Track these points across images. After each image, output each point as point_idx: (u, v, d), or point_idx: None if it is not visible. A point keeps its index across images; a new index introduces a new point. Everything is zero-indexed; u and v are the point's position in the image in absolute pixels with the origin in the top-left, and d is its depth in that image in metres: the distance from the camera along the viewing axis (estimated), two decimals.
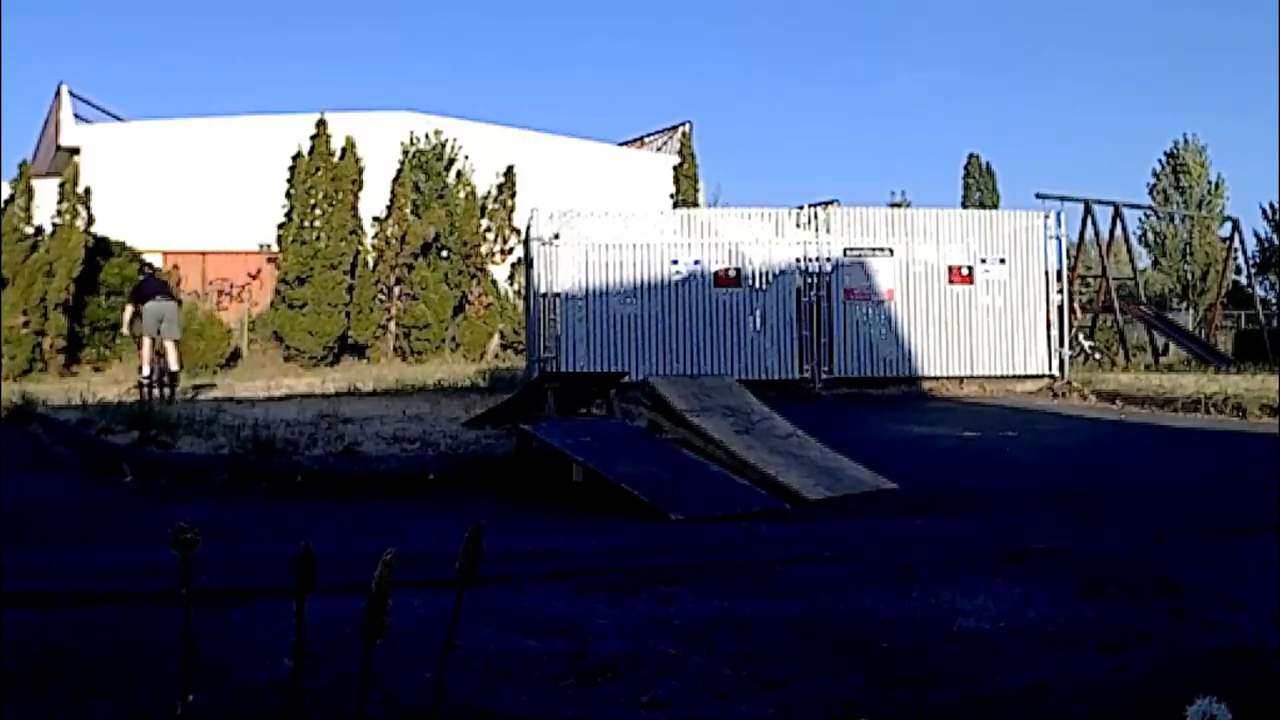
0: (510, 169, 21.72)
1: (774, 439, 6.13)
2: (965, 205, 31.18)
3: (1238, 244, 22.64)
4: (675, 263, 12.93)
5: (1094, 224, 19.08)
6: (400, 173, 20.54)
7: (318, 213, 18.94)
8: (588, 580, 3.36)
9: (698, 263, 12.95)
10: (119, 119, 23.96)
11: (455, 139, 22.05)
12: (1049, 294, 13.51)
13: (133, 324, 12.14)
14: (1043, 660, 2.48)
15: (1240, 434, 8.38)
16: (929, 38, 63.14)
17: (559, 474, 5.42)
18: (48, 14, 48.43)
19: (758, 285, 12.99)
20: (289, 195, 19.18)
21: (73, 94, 22.76)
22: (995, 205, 30.56)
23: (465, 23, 61.91)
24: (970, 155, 34.80)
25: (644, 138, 28.72)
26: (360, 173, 19.18)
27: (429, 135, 21.94)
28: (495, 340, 20.65)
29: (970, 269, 13.40)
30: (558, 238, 12.82)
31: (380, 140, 20.05)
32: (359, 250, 19.29)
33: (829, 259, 13.13)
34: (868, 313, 13.19)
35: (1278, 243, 31.40)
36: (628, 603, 3.09)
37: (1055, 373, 13.34)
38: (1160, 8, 58.28)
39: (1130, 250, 23.94)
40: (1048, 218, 13.84)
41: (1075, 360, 14.84)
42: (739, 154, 58.90)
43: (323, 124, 19.16)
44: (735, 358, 12.71)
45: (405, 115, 22.49)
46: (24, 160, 18.20)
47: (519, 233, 18.42)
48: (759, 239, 13.06)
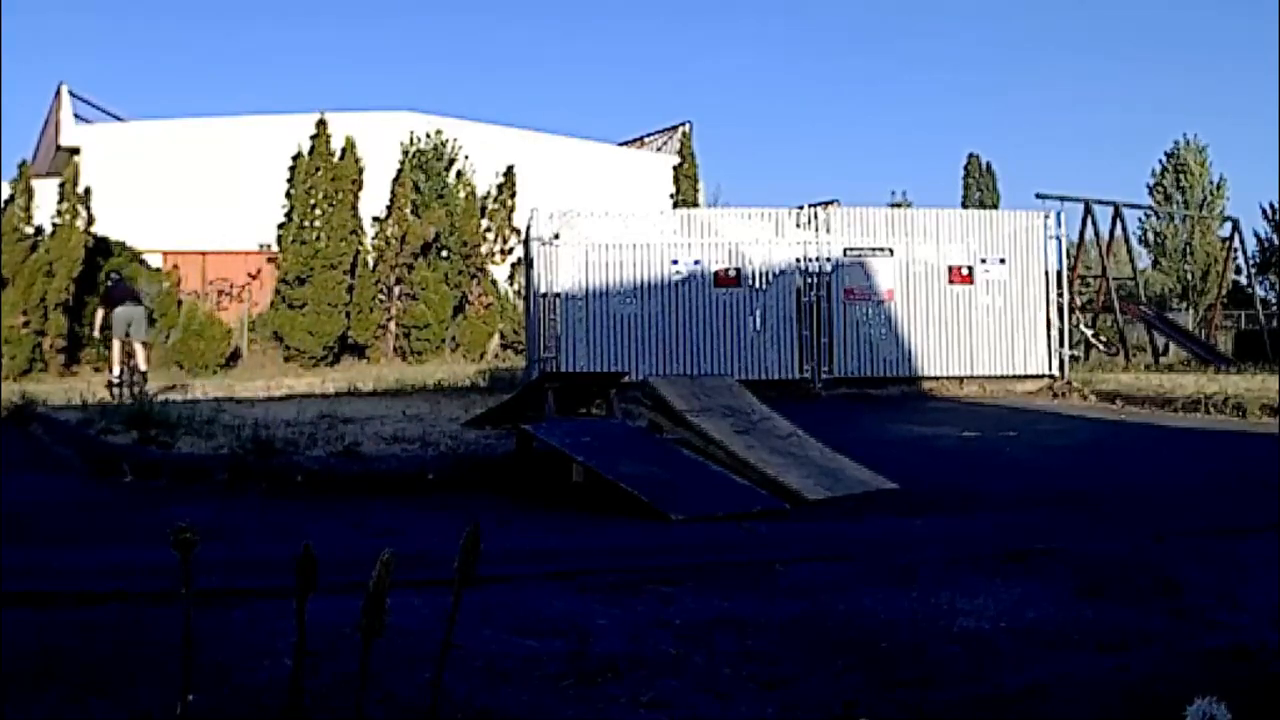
0: (510, 169, 21.72)
1: (774, 439, 6.13)
2: (965, 205, 31.17)
3: (1238, 244, 22.64)
4: (675, 263, 12.93)
5: (1094, 224, 19.08)
6: (400, 173, 20.53)
7: (318, 213, 18.93)
8: (588, 580, 3.36)
9: (698, 263, 12.95)
10: (119, 119, 23.97)
11: (455, 139, 22.05)
12: (1049, 294, 13.52)
13: (102, 328, 12.90)
14: (1043, 660, 2.48)
15: (1240, 434, 8.38)
16: (929, 38, 63.17)
17: (559, 474, 5.42)
18: (48, 14, 48.45)
19: (758, 285, 12.99)
20: (289, 195, 19.18)
21: (73, 94, 22.77)
22: (995, 205, 30.56)
23: (465, 23, 61.96)
24: (970, 155, 34.82)
25: (644, 138, 28.71)
26: (360, 173, 19.18)
27: (429, 135, 21.94)
28: (495, 340, 20.66)
29: (970, 269, 13.40)
30: (558, 238, 12.82)
31: (380, 140, 20.04)
32: (359, 250, 19.28)
33: (829, 259, 13.13)
34: (868, 313, 13.19)
35: (1278, 243, 31.39)
36: (628, 603, 3.09)
37: (1055, 373, 13.34)
38: (1160, 8, 58.31)
39: (1130, 250, 23.93)
40: (1048, 218, 13.84)
41: (1077, 358, 14.82)
42: (739, 154, 58.95)
43: (323, 124, 19.16)
44: (735, 358, 12.71)
45: (405, 115, 22.49)
46: (24, 160, 18.20)
47: (519, 233, 18.42)
48: (759, 239, 13.06)
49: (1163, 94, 59.27)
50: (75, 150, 20.91)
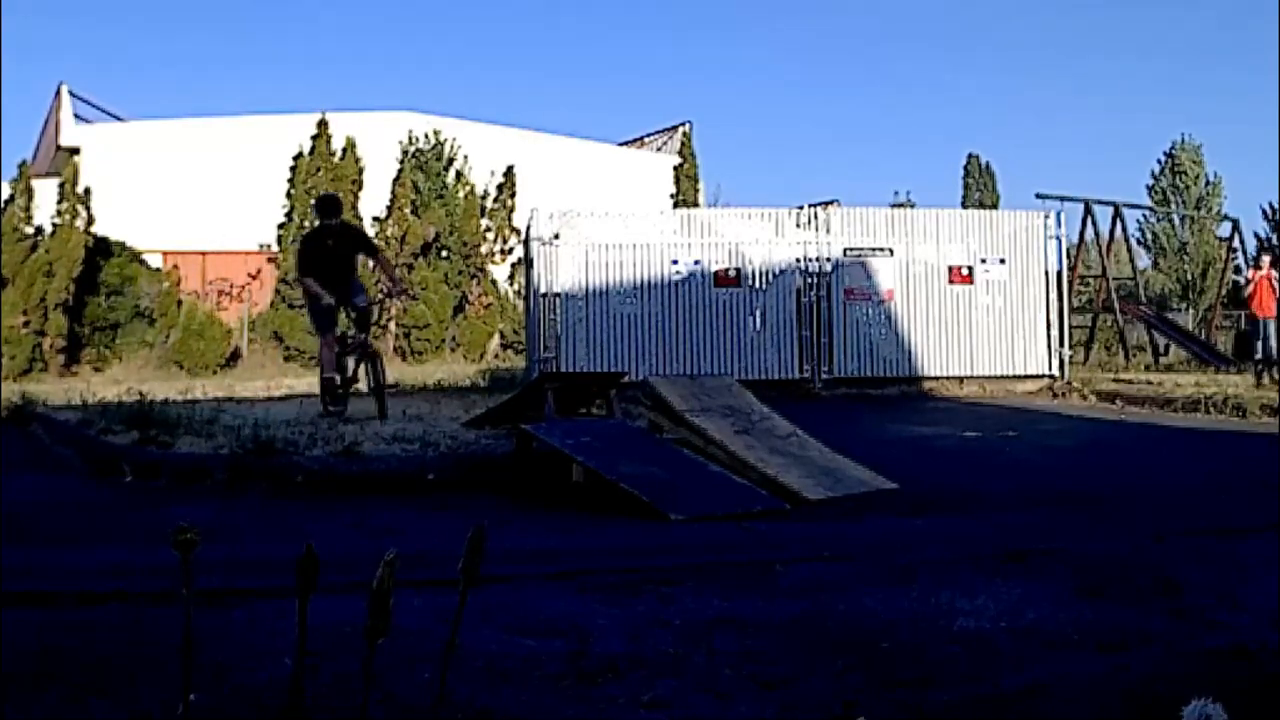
0: (510, 169, 21.72)
1: (774, 439, 6.13)
2: (965, 205, 31.16)
3: (1237, 244, 22.64)
4: (675, 263, 12.94)
5: (1094, 224, 19.10)
6: (400, 173, 20.54)
7: None
8: (588, 580, 3.36)
9: (698, 263, 12.96)
10: (119, 119, 23.96)
11: (455, 139, 22.04)
12: (1049, 294, 13.52)
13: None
14: (1043, 660, 2.48)
15: (1240, 434, 8.38)
16: (929, 38, 63.19)
17: (559, 474, 5.42)
18: (48, 14, 48.44)
19: (758, 285, 13.00)
20: (289, 195, 19.18)
21: (73, 94, 22.76)
22: (995, 205, 30.54)
23: (465, 23, 61.94)
24: (970, 155, 34.79)
25: (644, 138, 28.71)
26: (360, 173, 19.18)
27: (429, 135, 21.93)
28: (495, 340, 20.66)
29: (970, 269, 13.40)
30: (558, 238, 12.82)
31: (380, 140, 20.04)
32: None
33: (829, 259, 13.13)
34: (868, 313, 13.20)
35: (1277, 242, 31.37)
36: (628, 603, 3.09)
37: (1055, 373, 13.34)
38: (1160, 8, 58.33)
39: (1130, 250, 23.93)
40: (1048, 218, 13.85)
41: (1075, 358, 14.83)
42: (739, 154, 58.90)
43: (323, 124, 19.16)
44: (735, 358, 12.72)
45: (405, 115, 22.48)
46: (24, 160, 18.22)
47: (519, 233, 18.43)
48: (759, 239, 13.07)
49: (1163, 94, 59.32)
50: (75, 150, 20.91)
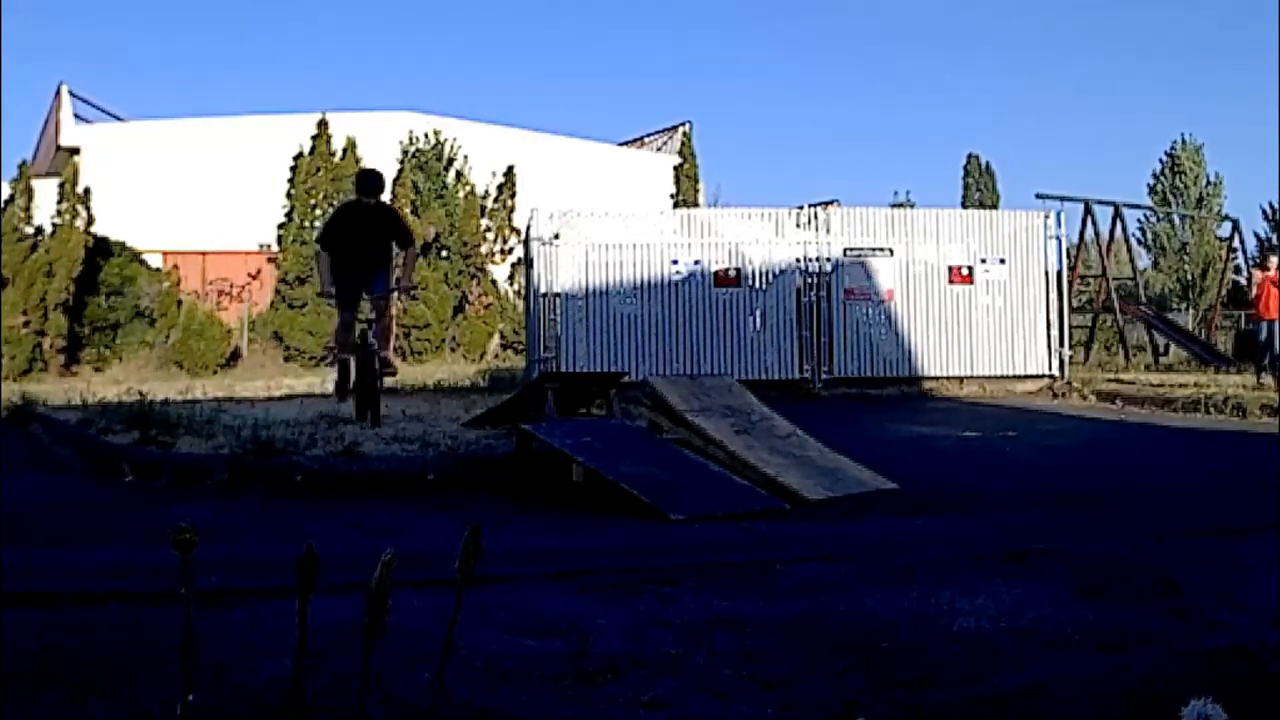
0: (510, 169, 21.72)
1: (774, 439, 6.13)
2: (965, 205, 31.16)
3: (1238, 244, 22.65)
4: (675, 263, 12.94)
5: (1094, 224, 19.10)
6: (400, 173, 20.53)
7: (318, 213, 18.94)
8: (588, 580, 3.36)
9: (698, 263, 12.96)
10: (119, 119, 23.97)
11: (455, 139, 22.05)
12: (1049, 294, 13.52)
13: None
14: (1043, 660, 2.48)
15: (1240, 434, 8.38)
16: (929, 38, 63.19)
17: (559, 474, 5.42)
18: (48, 14, 48.43)
19: (758, 285, 13.00)
20: (289, 195, 19.19)
21: (73, 94, 22.76)
22: (995, 205, 30.54)
23: (465, 23, 61.93)
24: (970, 155, 34.79)
25: (644, 138, 28.71)
26: None
27: (429, 135, 21.94)
28: (495, 340, 20.66)
29: (970, 269, 13.41)
30: (558, 238, 12.82)
31: (380, 140, 20.04)
32: None
33: (829, 259, 13.13)
34: (868, 313, 13.20)
35: (1277, 242, 31.38)
36: (628, 603, 3.09)
37: (1055, 373, 13.34)
38: (1160, 8, 58.33)
39: (1130, 250, 23.93)
40: (1048, 218, 13.85)
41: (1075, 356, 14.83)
42: (739, 154, 58.89)
43: (323, 124, 19.17)
44: (735, 358, 12.72)
45: (405, 115, 22.49)
46: (24, 160, 18.24)
47: (519, 233, 18.43)
48: (759, 239, 13.07)
49: (1163, 94, 59.32)
50: (75, 150, 20.91)
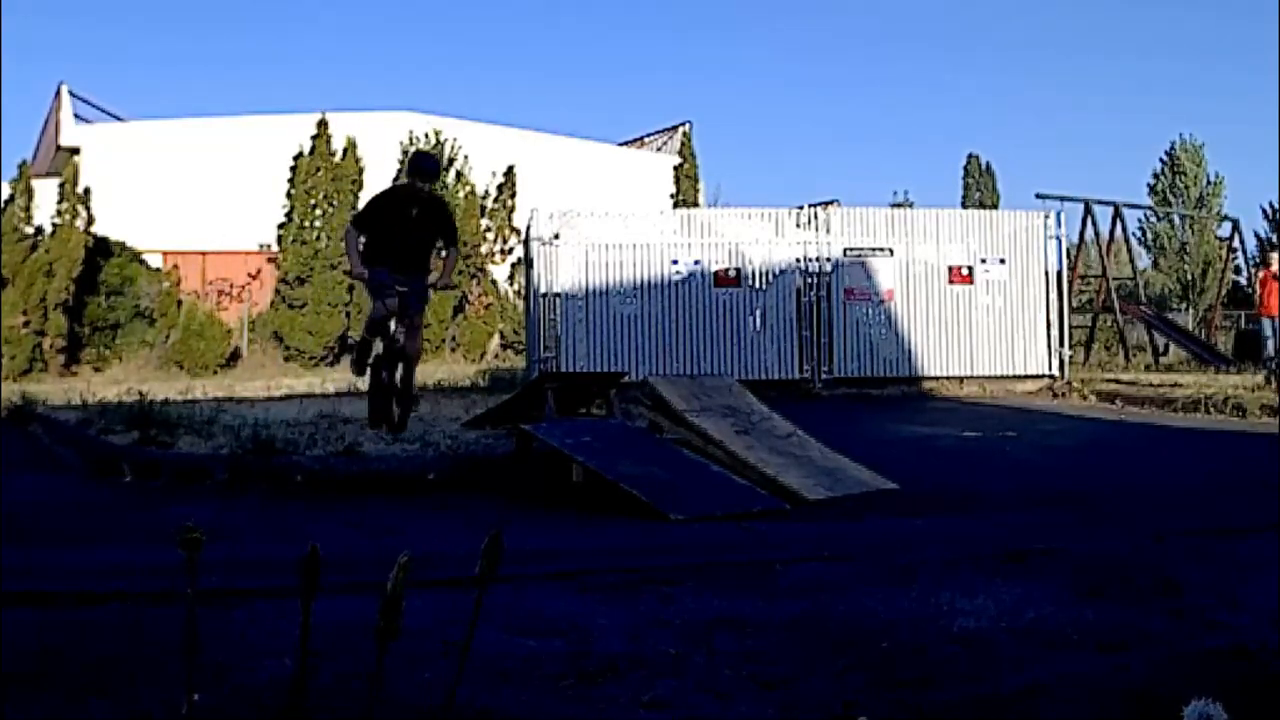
0: (510, 169, 21.72)
1: (774, 439, 6.13)
2: (965, 205, 31.18)
3: (1238, 244, 22.65)
4: (675, 263, 12.94)
5: (1094, 224, 19.07)
6: (400, 173, 20.51)
7: (318, 213, 18.94)
8: (588, 580, 3.36)
9: (698, 263, 12.96)
10: (119, 119, 23.96)
11: (455, 139, 22.04)
12: (1049, 294, 13.52)
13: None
14: (1043, 660, 2.48)
15: (1240, 434, 8.38)
16: (929, 38, 63.17)
17: (559, 474, 5.42)
18: (48, 14, 48.43)
19: (758, 285, 13.00)
20: (289, 195, 19.18)
21: (73, 94, 22.75)
22: (995, 205, 30.56)
23: (465, 23, 61.93)
24: (970, 155, 34.84)
25: (644, 138, 28.70)
26: (360, 173, 19.18)
27: (429, 135, 21.94)
28: (495, 340, 20.65)
29: (970, 269, 13.40)
30: (558, 238, 12.82)
31: (380, 140, 20.04)
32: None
33: (829, 259, 13.13)
34: (868, 313, 13.20)
35: (1277, 242, 31.39)
36: (628, 603, 3.09)
37: (1055, 373, 13.34)
38: (1160, 8, 58.31)
39: (1130, 250, 23.93)
40: (1048, 218, 13.84)
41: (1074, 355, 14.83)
42: (739, 154, 58.92)
43: (323, 124, 19.16)
44: (735, 358, 12.72)
45: (405, 115, 22.48)
46: (24, 160, 18.22)
47: (519, 233, 18.43)
48: (759, 239, 13.07)
49: (1163, 94, 59.31)
50: (75, 150, 20.91)
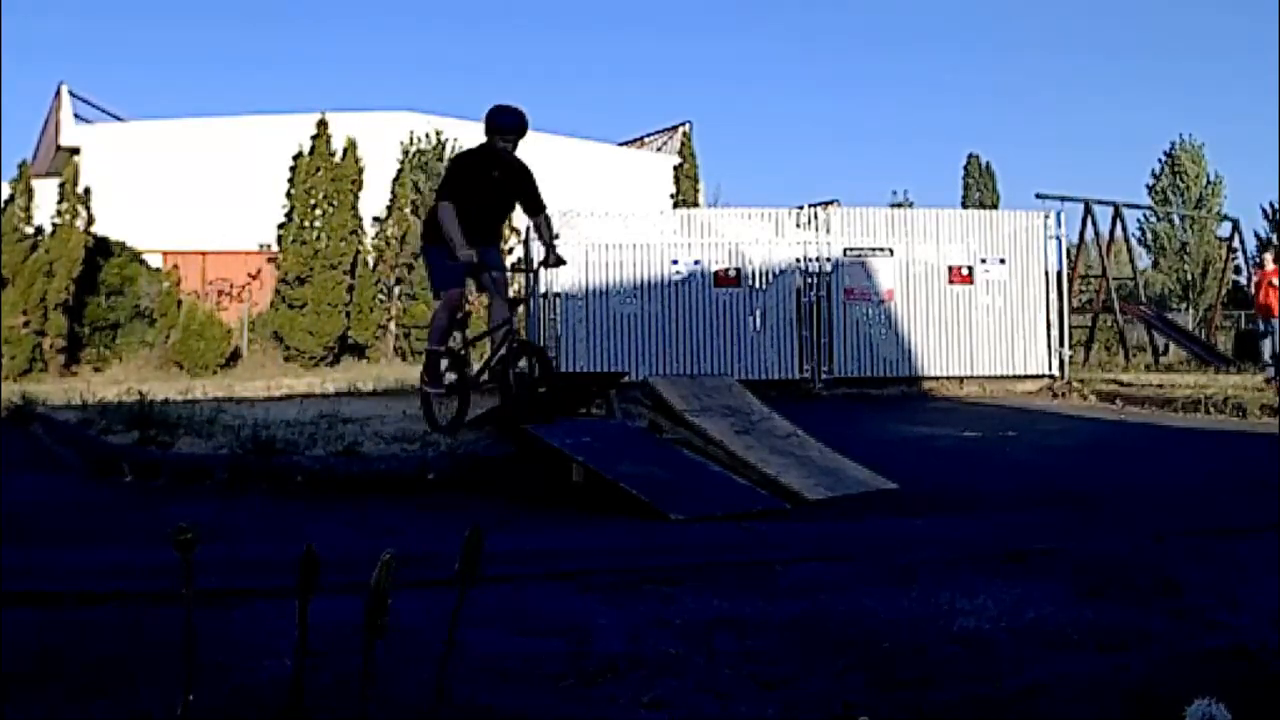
0: None
1: (774, 439, 6.13)
2: (965, 205, 31.17)
3: (1238, 244, 22.65)
4: (675, 263, 12.95)
5: (1094, 224, 19.09)
6: (400, 173, 20.54)
7: (318, 213, 18.92)
8: (588, 580, 3.36)
9: (698, 263, 12.96)
10: (119, 119, 23.97)
11: (455, 139, 22.01)
12: (1049, 294, 13.52)
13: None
14: (1043, 660, 2.48)
15: (1240, 434, 8.38)
16: (929, 37, 63.17)
17: (559, 474, 5.42)
18: (48, 14, 48.43)
19: (758, 285, 13.00)
20: (289, 195, 19.16)
21: (73, 94, 22.77)
22: (995, 205, 30.55)
23: (465, 23, 61.92)
24: (970, 155, 34.83)
25: (644, 138, 28.71)
26: (360, 173, 19.17)
27: (429, 135, 21.93)
28: None
29: (970, 269, 13.41)
30: (558, 238, 12.80)
31: (380, 140, 20.04)
32: (359, 250, 19.28)
33: (829, 259, 13.14)
34: (868, 313, 13.21)
35: (1277, 242, 31.38)
36: (628, 603, 3.09)
37: (1055, 373, 13.34)
38: (1160, 8, 58.30)
39: (1130, 250, 23.94)
40: (1048, 218, 13.85)
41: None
42: (739, 154, 58.93)
43: (323, 124, 19.14)
44: (735, 358, 12.72)
45: (405, 115, 22.48)
46: (24, 160, 18.20)
47: (519, 233, 18.41)
48: (759, 239, 13.07)
49: (1163, 94, 59.31)
50: (75, 150, 20.91)
